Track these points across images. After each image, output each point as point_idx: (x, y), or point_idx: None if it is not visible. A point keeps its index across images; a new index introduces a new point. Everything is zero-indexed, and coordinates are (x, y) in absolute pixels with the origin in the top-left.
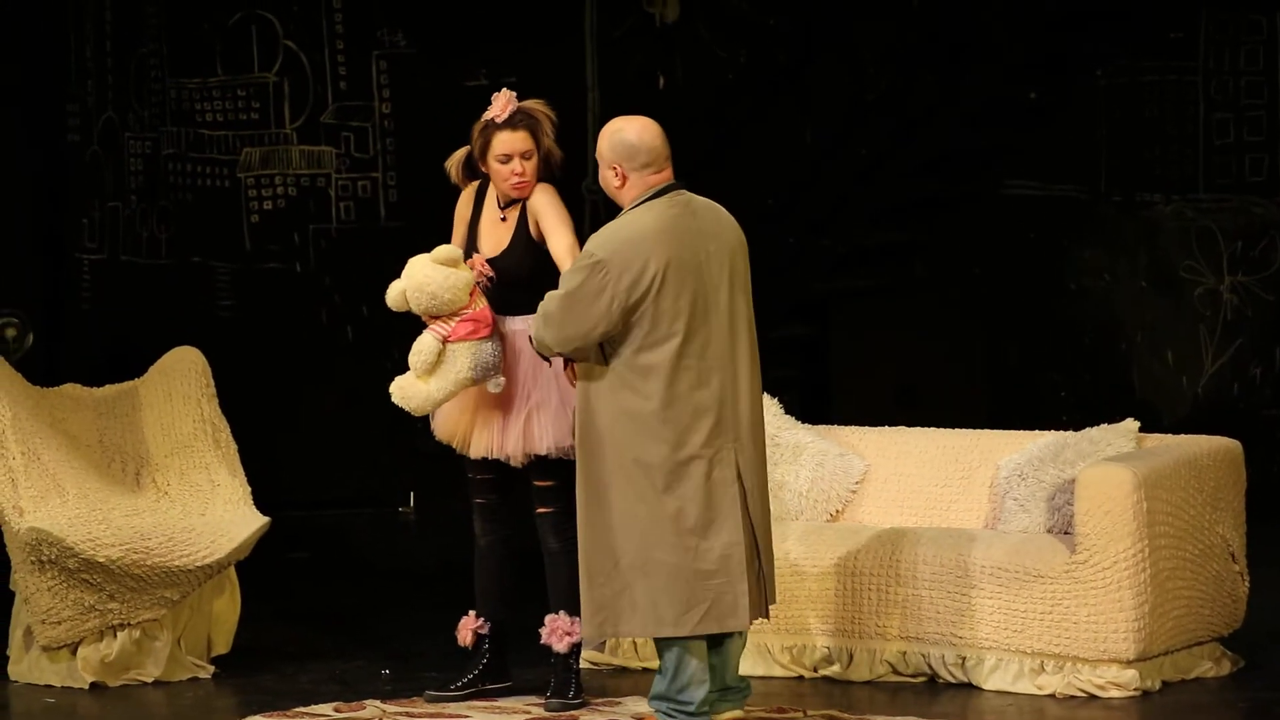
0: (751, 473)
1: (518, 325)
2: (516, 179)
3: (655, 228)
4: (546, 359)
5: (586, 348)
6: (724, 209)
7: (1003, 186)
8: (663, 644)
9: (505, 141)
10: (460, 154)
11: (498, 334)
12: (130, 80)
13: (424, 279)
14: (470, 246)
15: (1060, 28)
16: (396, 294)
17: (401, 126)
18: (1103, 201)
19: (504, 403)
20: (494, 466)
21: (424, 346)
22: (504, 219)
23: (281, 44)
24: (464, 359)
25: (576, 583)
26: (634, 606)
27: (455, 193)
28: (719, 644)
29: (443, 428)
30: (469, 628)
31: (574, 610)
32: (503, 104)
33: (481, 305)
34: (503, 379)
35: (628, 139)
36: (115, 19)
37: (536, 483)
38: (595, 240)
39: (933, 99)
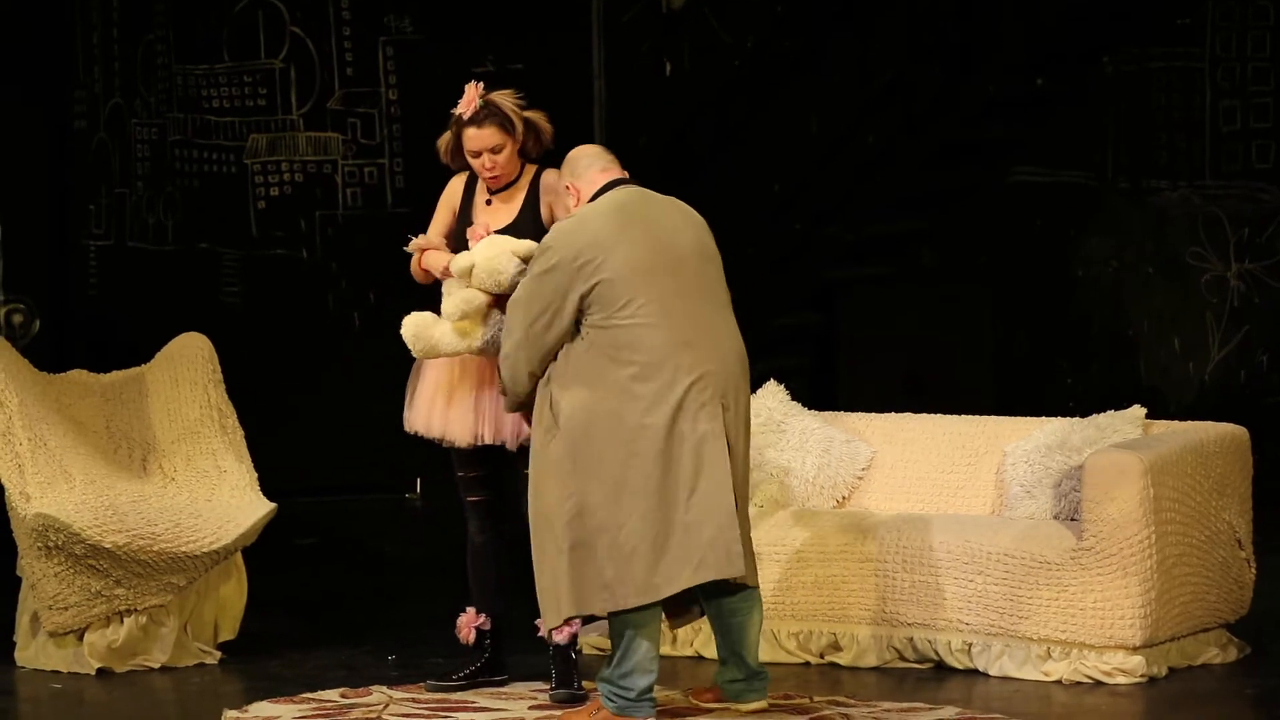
0: (737, 438)
1: None
2: (487, 172)
3: (600, 210)
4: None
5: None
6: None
7: (1010, 174)
8: (617, 624)
9: (472, 138)
10: (445, 139)
11: None
12: (137, 67)
13: (499, 265)
14: (461, 231)
15: (1067, 15)
16: (464, 264)
17: (408, 113)
18: (1110, 189)
19: (494, 388)
20: (484, 462)
21: (475, 298)
22: (489, 203)
23: (288, 30)
24: (489, 329)
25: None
26: (633, 577)
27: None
28: (732, 626)
29: (421, 418)
30: (470, 624)
31: None
32: (467, 100)
33: None
34: None
35: (572, 156)
36: (122, 6)
37: (526, 472)
38: (547, 238)
39: (940, 87)
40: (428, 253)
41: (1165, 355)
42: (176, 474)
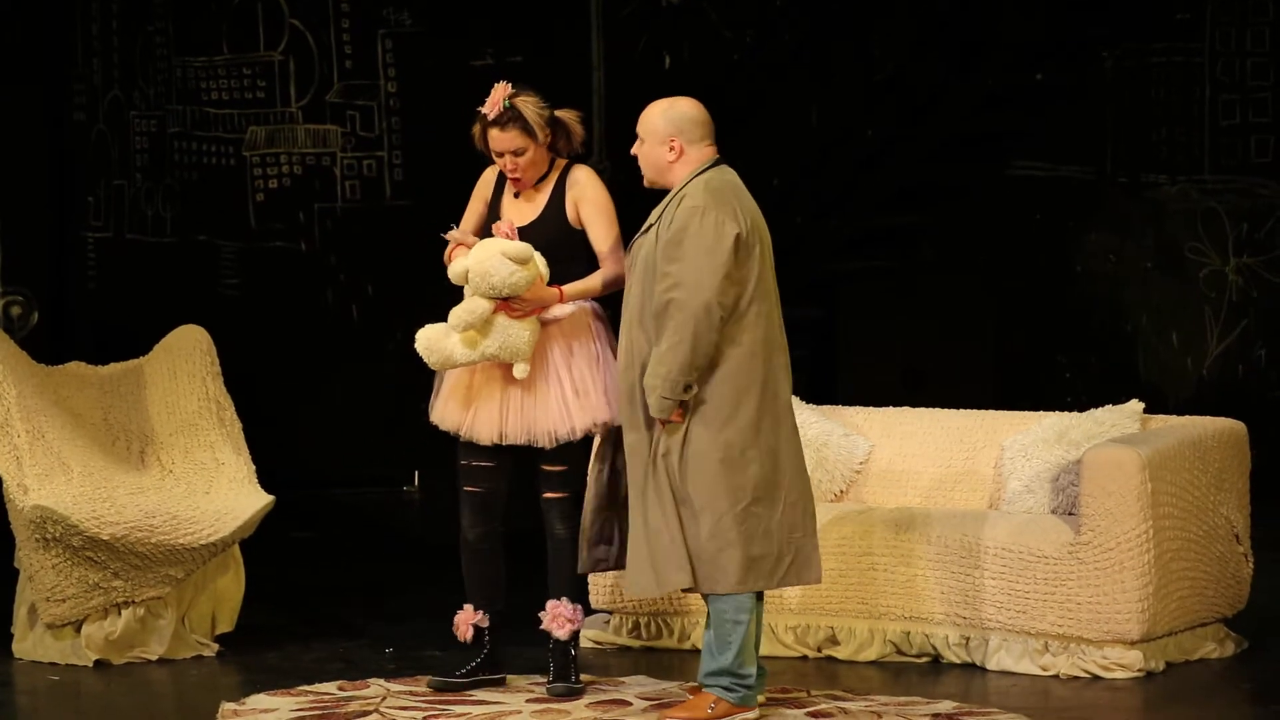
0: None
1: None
2: (510, 174)
3: (736, 187)
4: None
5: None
6: None
7: (1009, 168)
8: (732, 613)
9: (496, 139)
10: (479, 128)
11: (538, 323)
12: (136, 59)
13: (489, 267)
14: (490, 222)
15: (1067, 9)
16: (460, 269)
17: (407, 106)
18: (1109, 183)
19: (527, 386)
20: (495, 454)
21: (477, 307)
22: (517, 195)
23: (287, 23)
24: (497, 335)
25: (574, 570)
26: (733, 562)
27: (461, 172)
28: None
29: (451, 416)
30: (468, 622)
31: (575, 597)
32: (494, 100)
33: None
34: (528, 367)
35: (685, 112)
36: None
37: (547, 467)
38: (705, 203)
39: (940, 80)
40: (457, 249)
41: (1164, 350)
42: (174, 466)
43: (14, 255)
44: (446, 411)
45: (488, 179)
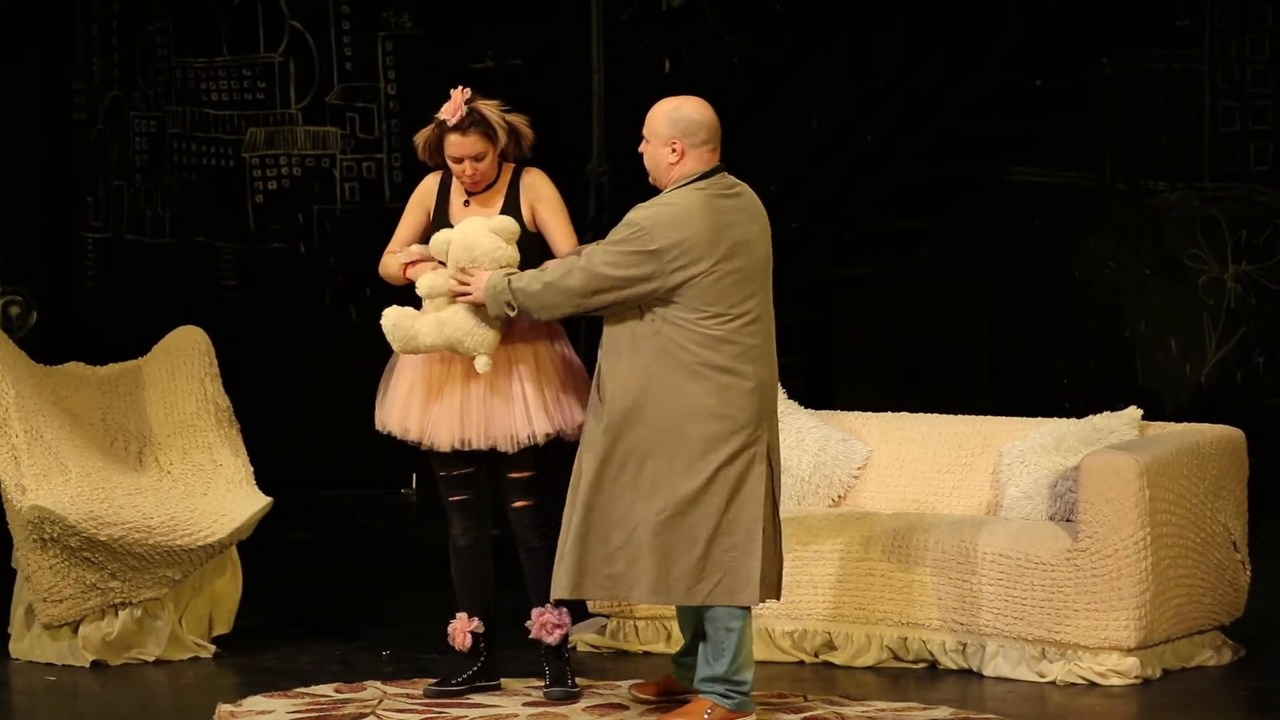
0: (778, 453)
1: None
2: (467, 179)
3: (701, 207)
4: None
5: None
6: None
7: (1008, 173)
8: (728, 620)
9: (455, 144)
10: (422, 137)
11: (501, 322)
12: (136, 59)
13: (474, 240)
14: (435, 231)
15: (1067, 14)
16: (441, 240)
17: (407, 108)
18: (1108, 189)
19: (487, 388)
20: (467, 460)
21: (437, 282)
22: (467, 204)
23: (287, 24)
24: (462, 322)
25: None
26: (748, 571)
27: None
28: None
29: (396, 418)
30: (464, 630)
31: (560, 603)
32: (453, 106)
33: None
34: (490, 361)
35: (689, 114)
36: None
37: (513, 475)
38: (645, 220)
39: (939, 85)
40: (417, 264)
41: (1162, 356)
42: (172, 467)
43: (13, 255)
44: (395, 416)
45: (428, 187)
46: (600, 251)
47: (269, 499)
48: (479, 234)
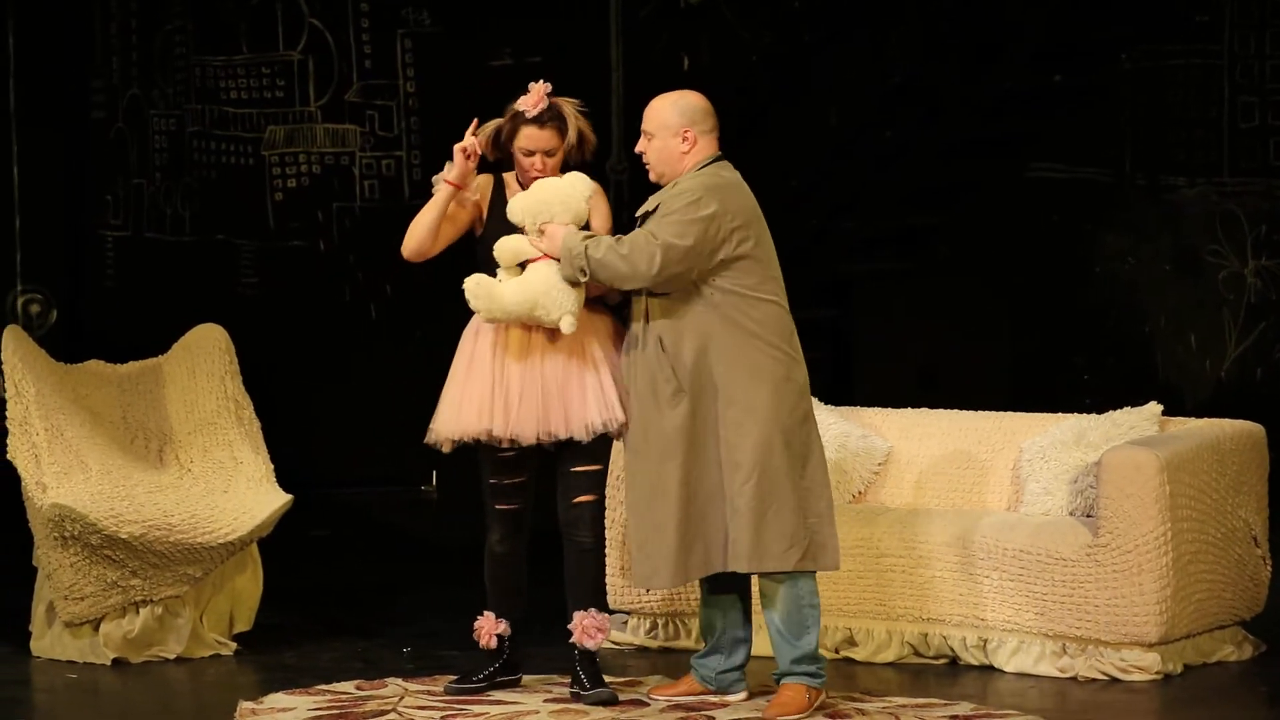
0: None
1: None
2: (536, 173)
3: (738, 181)
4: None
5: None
6: None
7: (1027, 169)
8: (811, 597)
9: (530, 137)
10: (490, 129)
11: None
12: (155, 57)
13: (550, 194)
14: (499, 226)
15: (1086, 11)
16: (518, 205)
17: (426, 105)
18: (1127, 185)
19: (564, 378)
20: (524, 468)
21: (516, 245)
22: None
23: (306, 22)
24: (546, 276)
25: (604, 578)
26: (831, 536)
27: (479, 170)
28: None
29: (472, 421)
30: (490, 630)
31: (603, 606)
32: (535, 98)
33: None
34: (574, 320)
35: (695, 103)
36: None
37: (580, 468)
38: (694, 188)
39: (958, 82)
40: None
41: (1182, 352)
42: (193, 465)
43: (33, 253)
44: (471, 419)
45: (481, 185)
46: (665, 225)
47: (289, 496)
48: (556, 189)
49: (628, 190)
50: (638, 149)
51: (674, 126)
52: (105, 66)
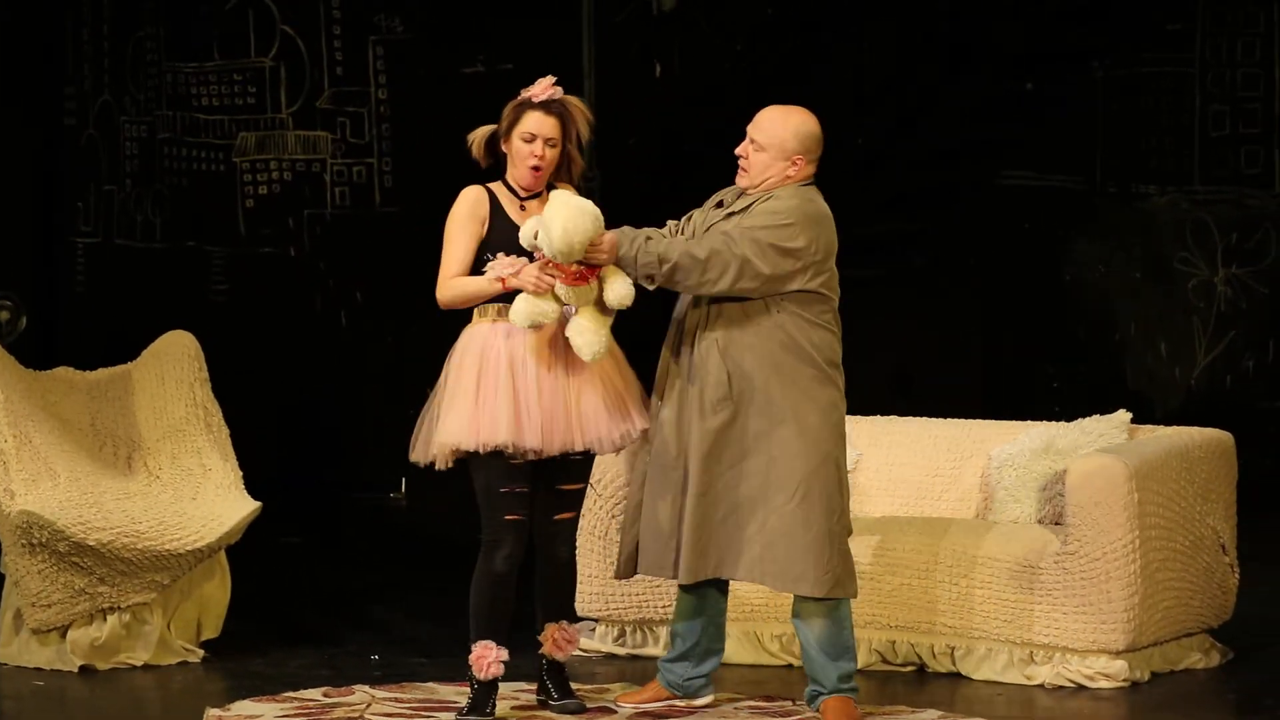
0: None
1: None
2: (535, 160)
3: (827, 213)
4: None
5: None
6: None
7: (999, 177)
8: (849, 617)
9: (534, 121)
10: (486, 130)
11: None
12: (127, 64)
13: (573, 225)
14: (501, 240)
15: (1058, 19)
16: (529, 230)
17: (397, 112)
18: (1099, 193)
19: (583, 391)
20: (530, 478)
21: (548, 308)
22: (524, 209)
23: (278, 29)
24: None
25: (574, 592)
26: (852, 563)
27: (451, 179)
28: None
29: (497, 431)
30: (497, 659)
31: (574, 618)
32: (544, 87)
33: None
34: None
35: (813, 131)
36: (113, 3)
37: (565, 487)
38: (791, 213)
39: (930, 89)
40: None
41: (1152, 360)
42: (161, 472)
43: (3, 259)
44: (491, 431)
45: (476, 198)
46: (749, 242)
47: (258, 503)
48: (575, 217)
49: (599, 198)
50: (739, 151)
51: (789, 151)
52: (77, 73)
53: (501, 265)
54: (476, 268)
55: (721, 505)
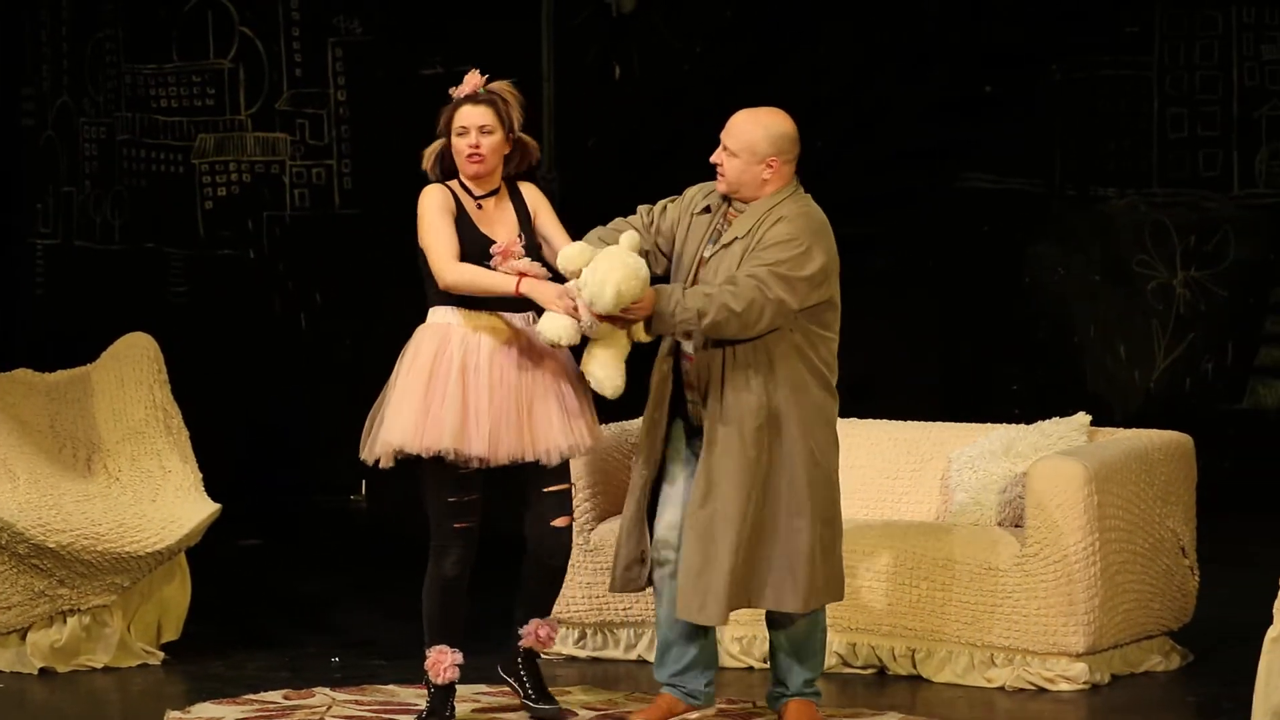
0: None
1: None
2: (471, 150)
3: (826, 221)
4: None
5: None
6: None
7: (958, 180)
8: (824, 621)
9: (465, 115)
10: (435, 146)
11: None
12: (86, 65)
13: (625, 289)
14: (477, 240)
15: (1016, 22)
16: (579, 261)
17: (356, 114)
18: (1057, 195)
19: (539, 399)
20: (480, 485)
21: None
22: (480, 207)
23: (237, 30)
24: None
25: (558, 594)
26: (841, 568)
27: (411, 181)
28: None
29: (441, 436)
30: (452, 663)
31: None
32: (469, 83)
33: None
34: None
35: (786, 131)
36: (71, 4)
37: (551, 489)
38: (802, 234)
39: (888, 92)
40: (530, 281)
41: (1111, 362)
42: (121, 474)
43: None
44: (436, 436)
45: (441, 195)
46: (780, 284)
47: (217, 505)
48: (630, 280)
49: (558, 200)
50: (714, 159)
51: (761, 154)
52: (35, 74)
53: (525, 265)
54: (414, 274)
55: (755, 536)
